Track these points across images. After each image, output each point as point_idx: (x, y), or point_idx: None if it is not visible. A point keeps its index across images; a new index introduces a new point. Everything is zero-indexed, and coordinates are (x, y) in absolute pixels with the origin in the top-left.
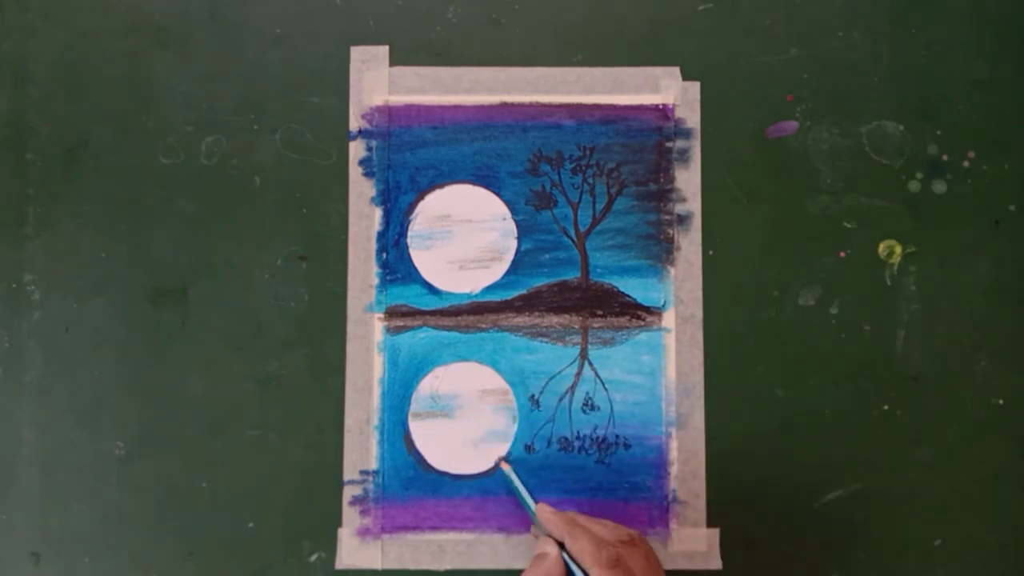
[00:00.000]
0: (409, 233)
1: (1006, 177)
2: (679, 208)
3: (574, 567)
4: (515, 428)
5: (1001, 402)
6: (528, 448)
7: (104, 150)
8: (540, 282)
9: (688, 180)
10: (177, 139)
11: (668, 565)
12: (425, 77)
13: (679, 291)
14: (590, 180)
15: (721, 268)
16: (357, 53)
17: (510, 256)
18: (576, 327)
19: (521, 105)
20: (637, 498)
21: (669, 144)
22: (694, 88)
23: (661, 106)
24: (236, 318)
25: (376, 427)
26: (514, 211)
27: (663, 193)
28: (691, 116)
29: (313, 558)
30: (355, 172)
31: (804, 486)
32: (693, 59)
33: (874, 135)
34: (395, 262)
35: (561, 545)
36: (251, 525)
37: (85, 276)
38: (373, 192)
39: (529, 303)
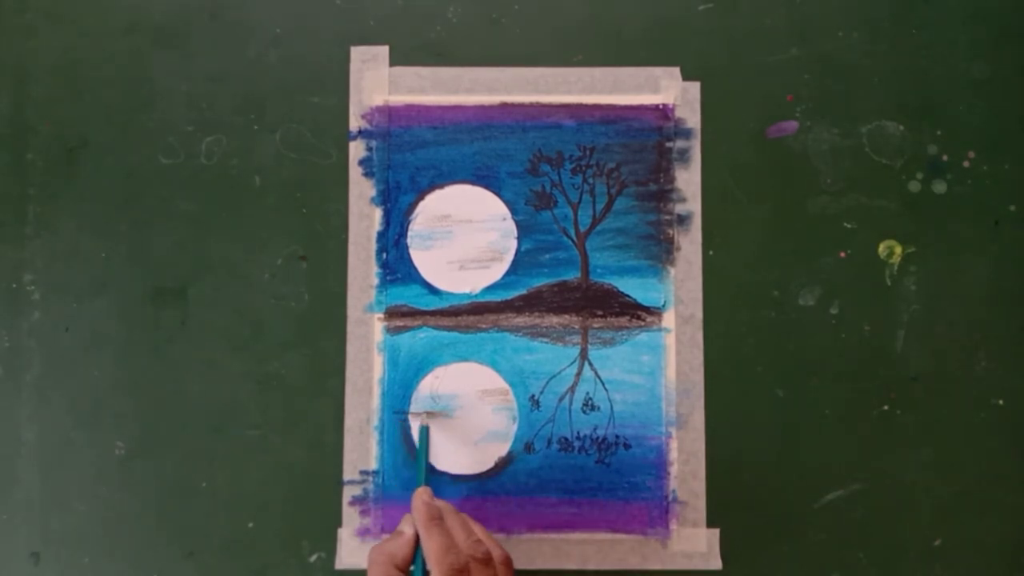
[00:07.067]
0: (409, 233)
1: (1006, 177)
2: (679, 208)
3: (418, 563)
4: (515, 428)
5: (1001, 402)
6: (528, 448)
7: (104, 150)
8: (540, 282)
9: (688, 180)
10: (177, 139)
11: (668, 565)
12: (425, 77)
13: (679, 291)
14: (590, 180)
15: (721, 268)
16: (357, 53)
17: (510, 256)
18: (576, 327)
19: (521, 105)
20: (637, 498)
21: (669, 144)
22: (694, 88)
23: (661, 106)
24: (236, 318)
25: (376, 427)
26: (514, 211)
27: (663, 193)
28: (691, 116)
29: (313, 558)
30: (355, 172)
31: (804, 486)
32: (693, 59)
33: (874, 135)
34: (395, 262)
35: None
36: (251, 525)
37: (85, 276)
38: (373, 192)
39: (529, 303)
